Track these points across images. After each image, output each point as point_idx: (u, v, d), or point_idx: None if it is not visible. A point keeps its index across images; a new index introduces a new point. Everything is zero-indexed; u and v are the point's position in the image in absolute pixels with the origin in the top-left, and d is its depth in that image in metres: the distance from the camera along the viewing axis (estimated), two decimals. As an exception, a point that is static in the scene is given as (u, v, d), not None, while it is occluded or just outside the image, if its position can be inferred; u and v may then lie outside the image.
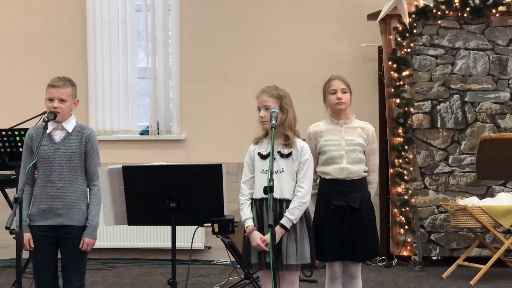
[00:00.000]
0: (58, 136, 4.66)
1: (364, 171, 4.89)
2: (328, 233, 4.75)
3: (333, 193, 4.80)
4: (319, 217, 4.78)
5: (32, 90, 6.44)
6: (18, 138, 6.25)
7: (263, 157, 4.46)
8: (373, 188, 4.99)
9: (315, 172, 4.74)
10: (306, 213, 4.48)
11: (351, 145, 4.83)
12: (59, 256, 4.70)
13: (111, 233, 7.87)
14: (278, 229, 4.33)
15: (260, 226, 4.38)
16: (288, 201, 4.41)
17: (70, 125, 4.69)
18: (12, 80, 8.18)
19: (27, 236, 4.56)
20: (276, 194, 4.36)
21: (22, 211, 4.38)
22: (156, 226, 7.23)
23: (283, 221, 4.36)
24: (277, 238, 4.33)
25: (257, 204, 4.45)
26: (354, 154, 4.83)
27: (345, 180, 4.80)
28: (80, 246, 4.63)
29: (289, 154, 4.46)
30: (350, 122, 4.90)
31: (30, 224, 4.62)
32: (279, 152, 4.46)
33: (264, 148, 4.47)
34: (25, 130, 4.99)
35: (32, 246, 4.58)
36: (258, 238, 4.35)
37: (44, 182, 4.63)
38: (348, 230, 4.77)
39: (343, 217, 4.77)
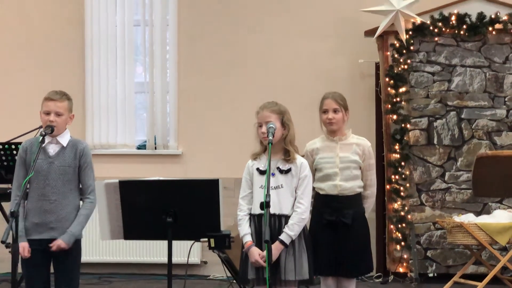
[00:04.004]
0: (52, 149, 4.67)
1: (359, 187, 4.90)
2: (321, 247, 4.75)
3: (326, 208, 4.82)
4: (312, 231, 4.78)
5: (30, 104, 6.45)
6: (15, 152, 6.24)
7: (261, 172, 4.47)
8: (371, 202, 5.01)
9: (312, 188, 4.75)
10: (304, 229, 4.49)
11: (345, 162, 4.84)
12: (52, 270, 4.69)
13: (107, 247, 7.84)
14: (277, 245, 4.34)
15: (259, 241, 4.38)
16: (286, 217, 4.42)
17: (64, 139, 4.70)
18: (9, 93, 8.17)
19: (23, 245, 4.54)
20: (275, 210, 4.37)
21: (18, 224, 4.38)
22: (153, 240, 7.21)
23: (282, 237, 4.37)
24: (276, 254, 4.33)
25: (256, 220, 4.46)
26: (348, 171, 4.84)
27: (338, 196, 4.82)
28: (51, 245, 4.59)
29: (288, 170, 4.47)
30: (346, 139, 4.91)
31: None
32: (278, 168, 4.47)
33: (263, 164, 4.48)
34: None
35: (26, 255, 4.55)
36: (256, 254, 4.36)
37: (38, 196, 4.61)
38: (341, 246, 4.78)
39: (336, 232, 4.78)
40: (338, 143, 4.90)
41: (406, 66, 7.37)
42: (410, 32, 7.35)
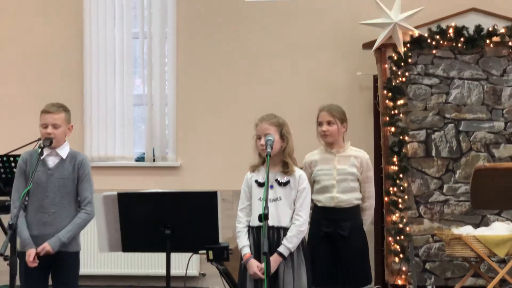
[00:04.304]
0: (52, 161, 4.68)
1: (357, 199, 4.91)
2: (319, 259, 4.77)
3: (323, 220, 4.85)
4: (310, 243, 4.80)
5: (28, 116, 6.45)
6: (13, 164, 6.24)
7: (260, 184, 4.48)
8: (369, 214, 5.02)
9: (311, 199, 4.77)
10: (302, 241, 4.50)
11: (342, 174, 4.87)
12: (50, 282, 4.68)
13: (106, 260, 7.82)
14: (275, 257, 4.34)
15: (257, 253, 4.39)
16: (285, 229, 4.43)
17: (64, 151, 4.71)
18: (8, 106, 8.18)
19: (30, 252, 4.52)
20: (274, 222, 4.38)
21: (23, 231, 4.40)
22: (151, 253, 7.20)
23: (280, 249, 4.37)
24: (275, 266, 4.33)
25: (254, 232, 4.46)
26: (345, 183, 4.86)
27: (335, 208, 4.84)
28: (38, 250, 4.56)
29: (287, 183, 4.49)
30: (344, 151, 4.94)
31: (22, 250, 4.60)
32: (276, 180, 4.48)
33: (262, 176, 4.49)
34: (20, 156, 4.99)
35: (31, 260, 4.52)
36: (255, 266, 4.36)
37: (36, 208, 4.62)
38: (338, 258, 4.79)
39: (333, 244, 4.80)
40: (336, 155, 4.92)
41: (404, 79, 7.38)
42: (408, 45, 7.36)
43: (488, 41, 7.30)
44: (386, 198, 7.35)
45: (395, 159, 7.32)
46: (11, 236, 4.15)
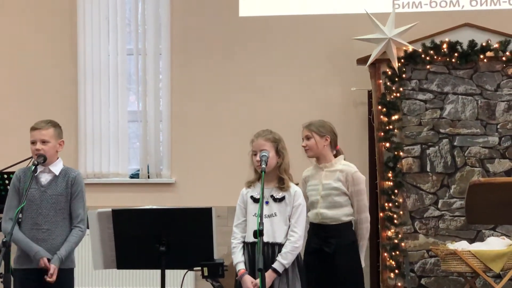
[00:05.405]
0: (44, 179, 4.66)
1: (346, 216, 4.89)
2: (310, 274, 4.76)
3: (313, 236, 4.86)
4: (304, 259, 4.79)
5: (22, 134, 6.41)
6: (7, 182, 6.22)
7: (255, 200, 4.48)
8: (364, 228, 4.99)
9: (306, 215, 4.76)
10: (298, 257, 4.49)
11: (327, 189, 4.86)
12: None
13: (100, 277, 7.79)
14: (270, 273, 4.33)
15: (252, 269, 4.38)
16: (280, 245, 4.42)
17: (57, 168, 4.70)
18: (1, 123, 8.16)
19: (43, 260, 4.51)
20: (269, 238, 4.37)
21: (28, 243, 4.37)
22: (146, 270, 7.17)
23: (275, 265, 4.36)
24: (269, 282, 4.32)
25: (249, 248, 4.45)
26: (330, 198, 4.85)
27: (320, 224, 4.83)
28: (50, 279, 4.53)
29: (282, 199, 4.48)
30: (331, 166, 4.93)
31: (15, 267, 4.58)
32: (272, 196, 4.48)
33: (257, 192, 4.48)
34: (14, 173, 4.98)
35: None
36: (249, 282, 4.34)
37: (30, 225, 4.60)
38: (328, 274, 4.79)
39: (322, 260, 4.80)
40: (324, 170, 4.92)
41: (398, 94, 7.39)
42: (402, 60, 7.38)
43: (481, 56, 7.32)
44: (381, 214, 7.34)
45: (390, 174, 7.32)
46: (4, 254, 4.12)
